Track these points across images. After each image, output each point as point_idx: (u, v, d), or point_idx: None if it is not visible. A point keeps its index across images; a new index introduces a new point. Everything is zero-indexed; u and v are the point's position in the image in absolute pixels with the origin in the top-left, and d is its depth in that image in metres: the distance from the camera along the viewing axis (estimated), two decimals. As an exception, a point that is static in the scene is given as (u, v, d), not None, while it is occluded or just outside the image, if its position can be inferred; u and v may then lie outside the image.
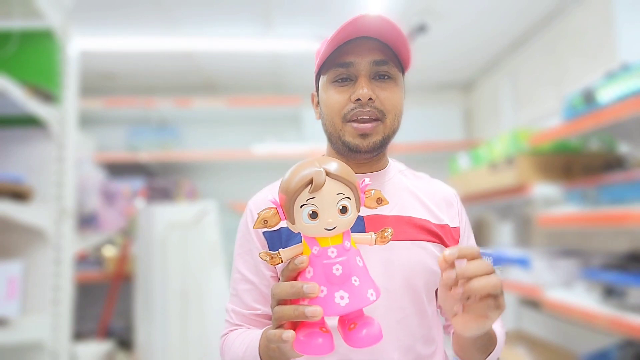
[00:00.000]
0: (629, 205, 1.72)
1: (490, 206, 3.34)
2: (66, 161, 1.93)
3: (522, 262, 2.37)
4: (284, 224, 0.67)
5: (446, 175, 3.48)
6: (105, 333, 3.26)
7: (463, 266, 0.67)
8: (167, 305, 2.79)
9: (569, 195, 2.13)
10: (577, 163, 2.30)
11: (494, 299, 0.68)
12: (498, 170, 2.56)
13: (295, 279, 0.66)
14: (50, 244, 1.86)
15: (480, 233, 3.92)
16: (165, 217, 2.89)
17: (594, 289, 1.95)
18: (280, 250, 0.67)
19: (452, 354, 0.91)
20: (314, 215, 0.62)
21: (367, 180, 0.69)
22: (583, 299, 1.94)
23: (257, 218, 0.65)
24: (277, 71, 3.98)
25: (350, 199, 0.64)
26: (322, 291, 0.63)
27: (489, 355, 0.84)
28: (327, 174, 0.62)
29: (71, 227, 1.99)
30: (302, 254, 0.66)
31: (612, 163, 2.19)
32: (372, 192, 0.68)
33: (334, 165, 0.64)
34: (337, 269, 0.63)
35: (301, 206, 0.62)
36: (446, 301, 0.72)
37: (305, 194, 0.62)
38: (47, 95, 1.85)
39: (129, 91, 4.20)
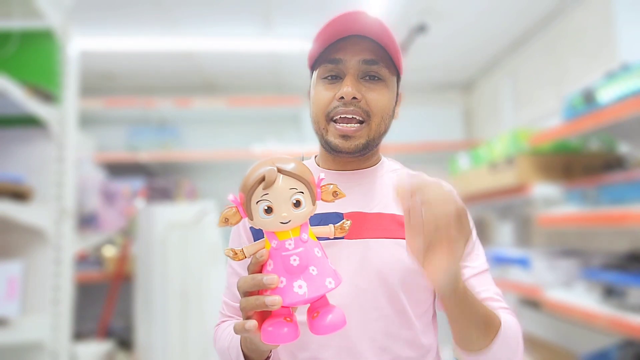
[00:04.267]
0: (629, 205, 1.72)
1: (490, 206, 3.34)
2: (66, 161, 1.93)
3: (522, 262, 2.37)
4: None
5: (446, 175, 3.47)
6: (105, 333, 3.26)
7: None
8: (167, 305, 2.79)
9: (569, 195, 2.13)
10: (577, 163, 2.30)
11: (456, 223, 0.65)
12: (498, 170, 2.56)
13: (258, 272, 0.69)
14: (50, 244, 1.86)
15: (480, 233, 3.90)
16: (165, 217, 2.89)
17: (594, 289, 1.95)
18: (243, 247, 0.70)
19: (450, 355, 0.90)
20: (269, 210, 0.65)
21: (322, 175, 0.70)
22: (583, 299, 1.94)
23: (219, 217, 0.68)
24: (277, 71, 3.98)
25: (303, 193, 0.67)
26: (281, 282, 0.66)
27: (493, 336, 0.77)
28: (280, 170, 0.65)
29: (71, 227, 1.99)
30: (263, 248, 0.69)
31: (612, 163, 2.19)
32: (330, 186, 0.71)
33: (288, 163, 0.67)
34: (295, 260, 0.66)
35: (257, 202, 0.66)
36: (413, 241, 0.67)
37: (259, 191, 0.65)
38: (47, 95, 1.85)
39: (129, 91, 4.20)
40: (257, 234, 0.89)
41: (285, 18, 3.02)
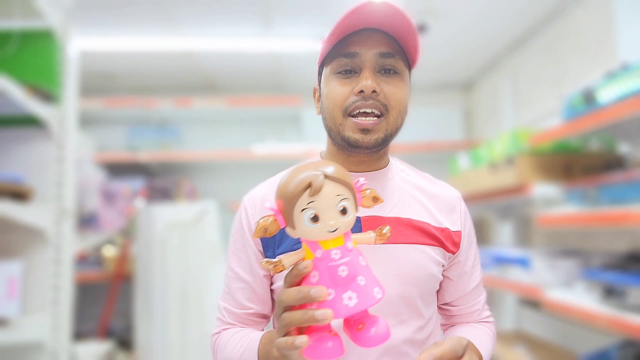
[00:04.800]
0: (629, 205, 1.72)
1: (490, 206, 3.34)
2: (66, 161, 1.93)
3: (522, 262, 2.37)
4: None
5: (446, 175, 3.47)
6: (105, 333, 3.26)
7: None
8: (167, 305, 2.79)
9: (569, 195, 2.13)
10: (577, 163, 2.30)
11: None
12: (498, 170, 2.56)
13: (299, 284, 0.65)
14: (50, 244, 1.86)
15: (480, 233, 3.92)
16: (165, 217, 2.89)
17: (594, 289, 1.95)
18: (281, 257, 0.66)
19: None
20: (315, 218, 0.61)
21: (361, 180, 0.68)
22: (583, 299, 1.94)
23: (257, 227, 0.64)
24: (277, 71, 3.98)
25: (348, 199, 0.63)
26: (329, 294, 0.62)
27: None
28: (325, 176, 0.62)
29: (71, 227, 1.99)
30: (304, 258, 0.65)
31: (612, 163, 2.19)
32: (368, 191, 0.68)
33: (330, 167, 0.63)
34: (343, 270, 0.63)
35: (301, 210, 0.61)
36: None
37: (304, 198, 0.61)
38: (47, 95, 1.85)
39: (129, 91, 4.20)
40: (265, 239, 0.85)
41: (285, 18, 3.02)
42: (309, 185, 0.61)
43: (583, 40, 2.68)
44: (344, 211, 0.63)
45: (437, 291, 0.93)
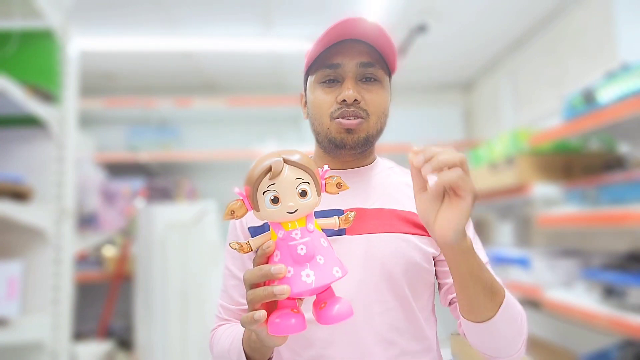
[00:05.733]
0: (629, 205, 1.72)
1: (490, 206, 3.34)
2: (66, 161, 1.93)
3: (522, 262, 2.37)
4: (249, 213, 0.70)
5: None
6: (105, 333, 3.26)
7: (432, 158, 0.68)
8: (167, 305, 2.79)
9: (569, 195, 2.13)
10: (577, 163, 2.30)
11: (460, 170, 0.67)
12: (498, 170, 2.56)
13: (265, 264, 0.69)
14: (50, 244, 1.86)
15: (480, 233, 3.91)
16: (165, 217, 2.89)
17: (594, 289, 1.95)
18: (249, 239, 0.70)
19: (448, 355, 0.90)
20: (275, 200, 0.66)
21: (326, 167, 0.72)
22: (583, 299, 1.94)
23: (225, 210, 0.68)
24: (277, 71, 3.98)
25: (309, 183, 0.67)
26: (289, 271, 0.66)
27: (499, 305, 0.78)
28: (285, 161, 0.66)
29: (71, 227, 1.99)
30: (270, 239, 0.69)
31: (612, 163, 2.19)
32: (334, 178, 0.71)
33: (293, 154, 0.68)
34: (302, 249, 0.67)
35: (263, 193, 0.66)
36: (424, 205, 0.71)
37: (265, 181, 0.65)
38: (47, 95, 1.85)
39: (129, 91, 4.20)
40: (255, 233, 0.90)
41: (285, 18, 3.02)
42: (270, 169, 0.65)
43: (583, 40, 2.68)
44: (303, 194, 0.67)
45: (448, 288, 0.92)
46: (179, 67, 3.80)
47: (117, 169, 3.48)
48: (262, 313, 0.65)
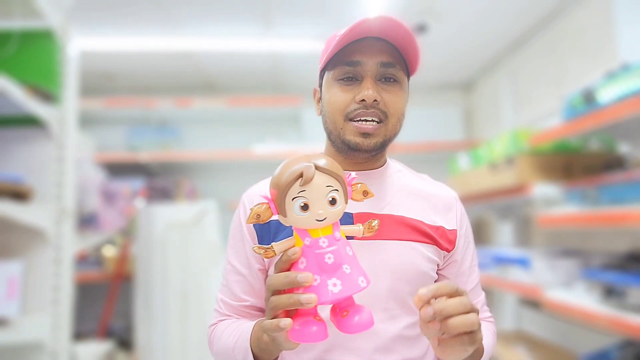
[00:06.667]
0: (629, 205, 1.72)
1: (490, 206, 3.34)
2: (66, 161, 1.93)
3: (522, 262, 2.37)
4: (274, 217, 0.69)
5: (446, 175, 3.48)
6: (105, 333, 3.26)
7: (441, 303, 0.67)
8: (167, 305, 2.79)
9: (569, 195, 2.13)
10: (577, 163, 2.30)
11: (469, 335, 0.68)
12: (498, 170, 2.56)
13: (288, 270, 0.68)
14: (50, 244, 1.86)
15: (480, 233, 3.92)
16: (165, 217, 2.89)
17: (594, 289, 1.95)
18: (273, 243, 0.69)
19: None
20: (305, 207, 0.65)
21: (352, 174, 0.71)
22: (583, 299, 1.94)
23: (250, 213, 0.67)
24: (277, 71, 3.98)
25: (338, 190, 0.66)
26: (315, 280, 0.65)
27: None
28: (316, 167, 0.65)
29: (71, 227, 1.99)
30: (294, 246, 0.68)
31: (612, 163, 2.19)
32: (359, 185, 0.71)
33: (322, 160, 0.67)
34: (329, 258, 0.66)
35: (292, 199, 0.65)
36: (425, 332, 0.71)
37: (296, 188, 0.64)
38: (47, 95, 1.85)
39: (129, 91, 4.20)
40: (261, 231, 0.89)
41: (285, 18, 3.02)
42: (301, 175, 0.64)
43: (583, 40, 2.68)
44: (332, 202, 0.66)
45: None
46: (179, 67, 3.80)
47: (117, 169, 3.48)
48: (288, 321, 0.64)
